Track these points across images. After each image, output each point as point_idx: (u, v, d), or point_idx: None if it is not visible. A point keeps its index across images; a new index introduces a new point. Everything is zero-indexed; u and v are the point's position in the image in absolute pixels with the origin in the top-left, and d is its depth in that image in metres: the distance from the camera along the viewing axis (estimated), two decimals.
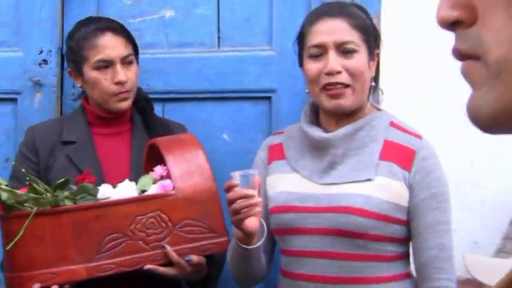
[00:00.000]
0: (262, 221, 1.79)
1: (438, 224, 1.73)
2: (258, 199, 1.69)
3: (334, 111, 1.79)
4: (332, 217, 1.72)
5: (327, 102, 1.76)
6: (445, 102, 2.22)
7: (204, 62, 2.35)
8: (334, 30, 1.76)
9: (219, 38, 2.38)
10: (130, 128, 2.12)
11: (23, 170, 1.78)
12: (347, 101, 1.75)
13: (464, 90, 0.56)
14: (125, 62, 2.03)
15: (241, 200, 1.67)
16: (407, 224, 1.75)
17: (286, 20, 2.33)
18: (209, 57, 2.35)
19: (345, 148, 1.77)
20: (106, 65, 2.01)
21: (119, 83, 2.01)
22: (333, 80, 1.74)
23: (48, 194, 1.67)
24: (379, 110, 1.87)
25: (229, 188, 1.70)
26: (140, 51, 2.22)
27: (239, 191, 1.68)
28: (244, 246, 1.74)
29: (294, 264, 1.81)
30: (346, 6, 1.85)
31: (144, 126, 2.13)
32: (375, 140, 1.78)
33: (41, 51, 2.37)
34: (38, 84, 2.36)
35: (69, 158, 2.02)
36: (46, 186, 1.70)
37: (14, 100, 2.39)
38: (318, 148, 1.80)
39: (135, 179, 1.90)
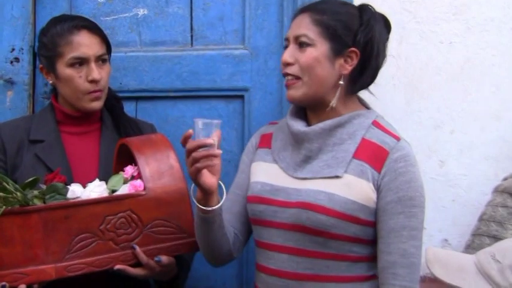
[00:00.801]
0: (221, 183, 1.77)
1: (402, 228, 1.68)
2: (217, 151, 1.67)
3: (290, 102, 1.84)
4: (296, 212, 1.72)
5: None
6: (415, 102, 2.24)
7: (176, 60, 2.35)
8: (297, 24, 1.80)
9: (192, 36, 2.38)
10: (100, 127, 2.11)
11: None
12: (297, 91, 1.78)
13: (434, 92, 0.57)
14: (99, 60, 2.02)
15: (201, 149, 1.64)
16: (373, 225, 1.73)
17: (259, 18, 2.33)
18: (182, 55, 2.35)
19: (320, 143, 1.77)
20: (80, 62, 1.99)
21: (93, 81, 2.00)
22: (285, 70, 1.80)
23: (18, 193, 1.66)
24: (367, 108, 1.86)
25: (188, 137, 1.67)
26: (113, 49, 2.21)
27: (199, 140, 1.65)
28: (204, 207, 1.72)
29: (262, 257, 1.82)
30: (319, 3, 1.85)
31: (113, 125, 2.12)
32: (352, 137, 1.76)
33: (13, 49, 2.35)
34: (9, 82, 2.34)
35: (37, 157, 2.00)
36: (16, 185, 1.68)
37: None
38: (297, 141, 1.81)
39: (103, 178, 1.89)
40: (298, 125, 1.81)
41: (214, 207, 1.73)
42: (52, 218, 1.68)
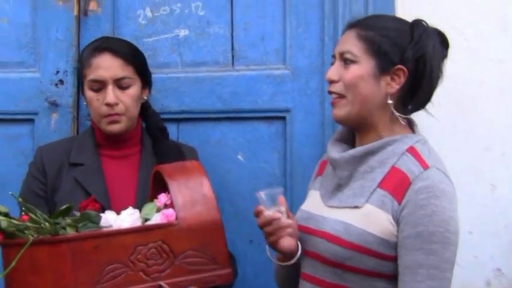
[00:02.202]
0: (299, 242, 1.71)
1: (418, 266, 1.53)
2: (285, 221, 1.64)
3: (336, 122, 1.76)
4: (318, 242, 1.66)
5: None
6: (463, 122, 2.14)
7: (217, 81, 2.33)
8: (344, 40, 1.73)
9: (233, 56, 2.35)
10: (140, 151, 2.10)
11: (20, 199, 1.76)
12: (340, 110, 1.70)
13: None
14: (119, 84, 2.00)
15: (270, 225, 1.63)
16: (396, 260, 1.59)
17: (300, 38, 2.29)
18: (223, 76, 2.33)
19: (351, 171, 1.68)
20: (99, 85, 1.99)
21: (108, 105, 1.99)
22: (329, 88, 1.73)
23: (47, 224, 1.66)
24: (413, 131, 1.74)
25: (258, 213, 1.66)
26: (154, 70, 2.20)
27: (265, 216, 1.63)
28: (285, 263, 1.71)
29: (299, 285, 1.78)
30: (364, 18, 1.80)
31: (153, 149, 2.11)
32: (383, 165, 1.65)
33: (57, 72, 2.38)
34: (54, 105, 2.37)
35: (76, 181, 2.01)
36: (44, 215, 1.68)
37: (32, 121, 2.40)
38: (333, 168, 1.74)
39: (141, 203, 1.87)
40: (334, 151, 1.74)
41: (291, 262, 1.70)
42: (81, 248, 1.65)
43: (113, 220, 1.77)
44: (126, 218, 1.76)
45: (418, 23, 1.72)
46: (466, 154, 2.12)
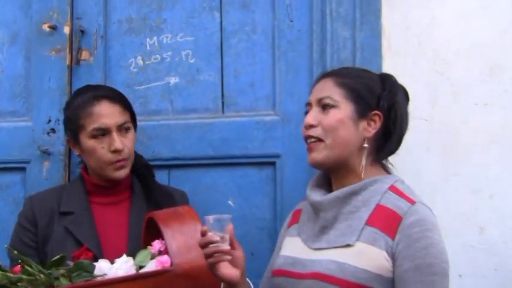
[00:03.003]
0: (248, 281, 1.74)
1: None
2: (224, 246, 1.63)
3: (312, 166, 1.79)
4: (308, 284, 1.66)
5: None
6: (451, 166, 2.16)
7: (208, 128, 2.35)
8: (320, 88, 1.79)
9: (223, 103, 2.38)
10: (130, 196, 2.11)
11: (15, 252, 1.76)
12: (319, 154, 1.74)
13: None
14: (122, 129, 2.02)
15: (211, 245, 1.63)
16: None
17: (289, 84, 2.32)
18: (213, 122, 2.35)
19: (335, 212, 1.71)
20: (102, 133, 2.00)
21: (115, 151, 2.00)
22: (306, 133, 1.78)
23: (42, 275, 1.66)
24: (388, 173, 1.80)
25: (202, 234, 1.65)
26: (145, 117, 2.24)
27: (207, 237, 1.63)
28: None
29: None
30: (342, 68, 1.89)
31: (144, 193, 2.12)
32: (367, 204, 1.69)
33: (49, 120, 2.41)
34: (46, 153, 2.39)
35: (67, 230, 2.01)
36: (39, 267, 1.68)
37: (23, 169, 2.42)
38: (315, 212, 1.77)
39: (133, 249, 1.88)
40: (316, 195, 1.78)
41: None
42: None
43: (107, 269, 1.77)
44: (121, 266, 1.76)
45: (387, 76, 1.83)
46: (455, 197, 2.13)
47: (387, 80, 1.80)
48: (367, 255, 1.62)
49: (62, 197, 2.08)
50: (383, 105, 1.75)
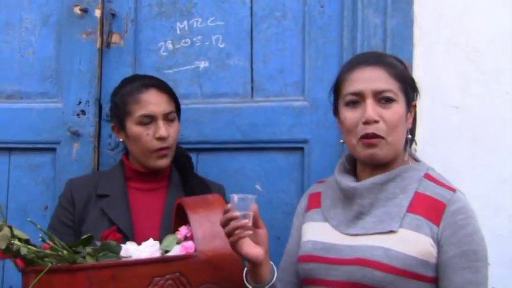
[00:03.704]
0: (272, 263, 1.73)
1: (468, 284, 1.60)
2: (242, 222, 1.61)
3: (369, 161, 1.74)
4: (351, 270, 1.66)
5: (362, 152, 1.72)
6: (480, 155, 2.15)
7: (237, 112, 2.36)
8: (372, 78, 1.71)
9: (252, 88, 2.38)
10: (167, 185, 2.13)
11: (39, 226, 1.78)
12: (381, 151, 1.70)
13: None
14: (167, 118, 2.06)
15: (232, 222, 1.62)
16: (434, 281, 1.63)
17: (318, 70, 2.32)
18: (242, 107, 2.36)
19: (372, 198, 1.71)
20: (149, 120, 2.03)
21: (160, 139, 2.03)
22: (370, 130, 1.69)
23: (64, 251, 1.68)
24: (417, 161, 1.81)
25: (225, 211, 1.65)
26: None
27: (229, 214, 1.63)
28: (255, 283, 1.69)
29: None
30: (383, 56, 1.82)
31: (181, 184, 2.14)
32: (405, 191, 1.69)
33: (79, 102, 2.43)
34: (75, 135, 2.41)
35: (102, 211, 2.04)
36: (63, 243, 1.70)
37: (53, 150, 2.45)
38: (348, 197, 1.76)
39: (164, 235, 1.88)
40: (348, 181, 1.77)
41: (269, 285, 1.69)
42: (98, 277, 1.66)
43: (134, 251, 1.78)
44: (145, 249, 1.77)
45: (402, 62, 1.82)
46: (484, 186, 2.12)
47: (405, 65, 1.80)
48: (413, 241, 1.63)
49: (100, 180, 2.12)
50: (416, 95, 1.77)
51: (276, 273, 1.72)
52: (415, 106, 1.78)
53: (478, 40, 2.17)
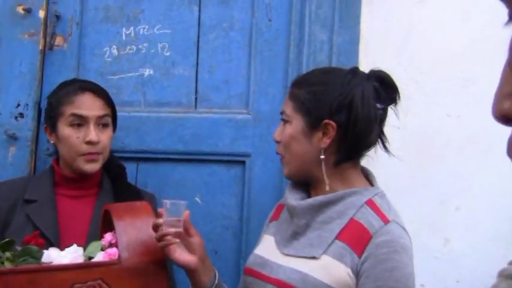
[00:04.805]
0: (216, 271, 1.73)
1: None
2: (169, 230, 1.60)
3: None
4: None
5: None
6: (420, 176, 2.16)
7: (180, 122, 2.32)
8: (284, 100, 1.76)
9: (196, 98, 2.35)
10: (97, 192, 2.08)
11: None
12: (285, 169, 1.75)
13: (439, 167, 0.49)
14: (100, 123, 2.01)
15: (161, 228, 1.62)
16: None
17: (263, 83, 2.30)
18: (185, 117, 2.32)
19: (308, 220, 1.66)
20: (79, 122, 1.99)
21: (89, 143, 1.98)
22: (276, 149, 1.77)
23: None
24: (371, 184, 1.73)
25: (158, 217, 1.64)
26: (117, 108, 2.18)
27: (159, 219, 1.62)
28: None
29: None
30: (308, 74, 1.79)
31: (112, 191, 2.09)
32: (342, 216, 1.63)
33: (18, 105, 2.36)
34: (12, 138, 2.34)
35: (28, 217, 1.98)
36: None
37: None
38: (290, 215, 1.73)
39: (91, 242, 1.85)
40: (292, 198, 1.73)
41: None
42: (15, 283, 1.60)
43: (55, 256, 1.74)
44: (67, 255, 1.72)
45: (350, 70, 1.69)
46: (423, 207, 2.13)
47: (346, 76, 1.66)
48: (332, 270, 1.57)
49: (28, 185, 2.06)
50: (335, 111, 1.63)
51: (216, 281, 1.71)
52: (331, 125, 1.63)
53: (422, 61, 2.18)
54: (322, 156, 1.67)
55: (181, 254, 1.64)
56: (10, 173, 2.29)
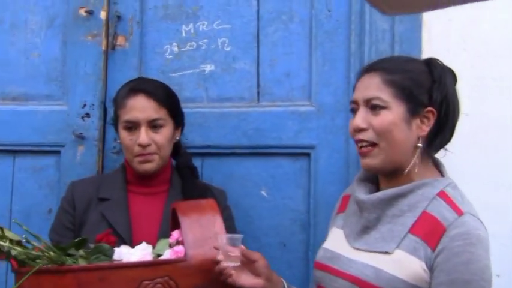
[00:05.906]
0: (283, 280, 1.76)
1: None
2: (224, 264, 1.66)
3: (367, 171, 1.72)
4: (343, 284, 1.63)
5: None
6: (492, 165, 2.12)
7: (243, 116, 2.33)
8: (366, 86, 1.68)
9: (258, 92, 2.36)
10: (167, 189, 2.11)
11: (26, 227, 1.77)
12: (373, 160, 1.66)
13: None
14: (153, 125, 2.03)
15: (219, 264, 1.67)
16: None
17: (325, 75, 2.29)
18: (248, 112, 2.33)
19: (378, 214, 1.65)
20: (132, 125, 2.03)
21: (140, 145, 2.02)
22: (358, 137, 1.68)
23: (51, 253, 1.67)
24: (442, 175, 1.70)
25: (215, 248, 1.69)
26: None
27: (216, 257, 1.67)
28: None
29: None
30: (385, 61, 1.76)
31: (182, 188, 2.12)
32: (413, 209, 1.59)
33: (84, 105, 2.41)
34: (80, 138, 2.39)
35: (102, 215, 2.03)
36: (51, 246, 1.70)
37: (58, 153, 2.42)
38: (359, 209, 1.72)
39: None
40: (361, 192, 1.72)
41: None
42: (87, 280, 1.65)
43: (125, 254, 1.78)
44: (136, 253, 1.77)
45: (434, 63, 1.69)
46: (491, 194, 2.09)
47: (435, 68, 1.67)
48: (406, 264, 1.55)
49: (102, 184, 2.11)
50: (436, 100, 1.64)
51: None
52: (432, 112, 1.64)
53: (487, 46, 2.13)
54: (419, 144, 1.65)
55: (246, 279, 1.68)
56: (79, 172, 2.35)
